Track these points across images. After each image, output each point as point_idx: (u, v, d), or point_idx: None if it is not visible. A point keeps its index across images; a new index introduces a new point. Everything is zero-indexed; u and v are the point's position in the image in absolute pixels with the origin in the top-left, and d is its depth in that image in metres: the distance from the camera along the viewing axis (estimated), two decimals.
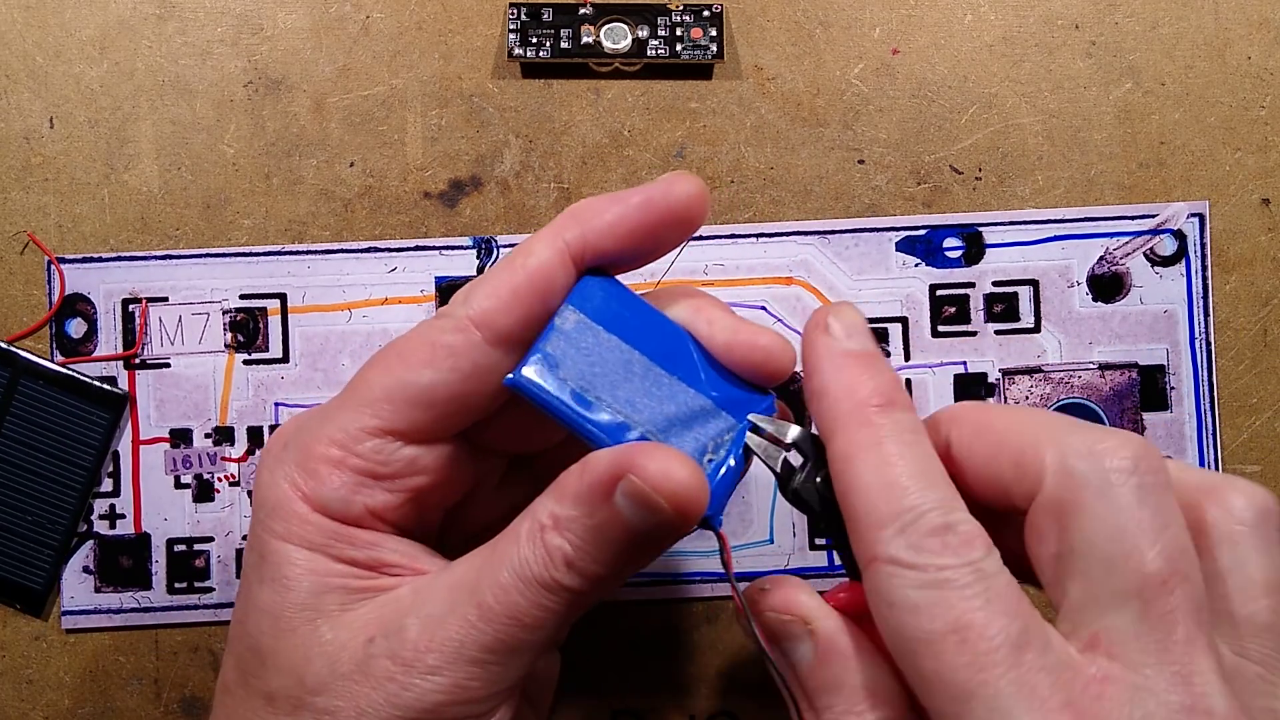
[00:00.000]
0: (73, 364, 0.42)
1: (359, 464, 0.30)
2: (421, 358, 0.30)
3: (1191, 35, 0.43)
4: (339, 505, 0.30)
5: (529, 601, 0.28)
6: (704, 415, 0.31)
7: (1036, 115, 0.43)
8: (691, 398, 0.31)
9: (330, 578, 0.30)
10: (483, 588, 0.29)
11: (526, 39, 0.42)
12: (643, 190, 0.31)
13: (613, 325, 0.31)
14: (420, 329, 0.31)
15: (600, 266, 0.32)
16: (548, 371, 0.30)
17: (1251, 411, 0.43)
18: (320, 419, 0.31)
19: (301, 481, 0.30)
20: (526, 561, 0.29)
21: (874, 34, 0.43)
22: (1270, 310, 0.43)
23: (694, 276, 0.43)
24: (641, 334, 0.31)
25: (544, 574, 0.28)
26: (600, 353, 0.31)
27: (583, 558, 0.28)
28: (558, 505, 0.29)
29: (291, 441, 0.31)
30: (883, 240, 0.43)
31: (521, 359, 0.30)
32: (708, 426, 0.31)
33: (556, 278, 0.30)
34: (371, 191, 0.43)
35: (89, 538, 0.42)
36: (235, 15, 0.43)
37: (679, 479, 0.28)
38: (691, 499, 0.28)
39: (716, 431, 0.31)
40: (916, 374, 0.43)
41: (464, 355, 0.30)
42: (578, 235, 0.31)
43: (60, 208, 0.43)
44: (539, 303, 0.30)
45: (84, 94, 0.43)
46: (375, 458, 0.30)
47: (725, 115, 0.43)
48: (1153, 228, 0.43)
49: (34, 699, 0.42)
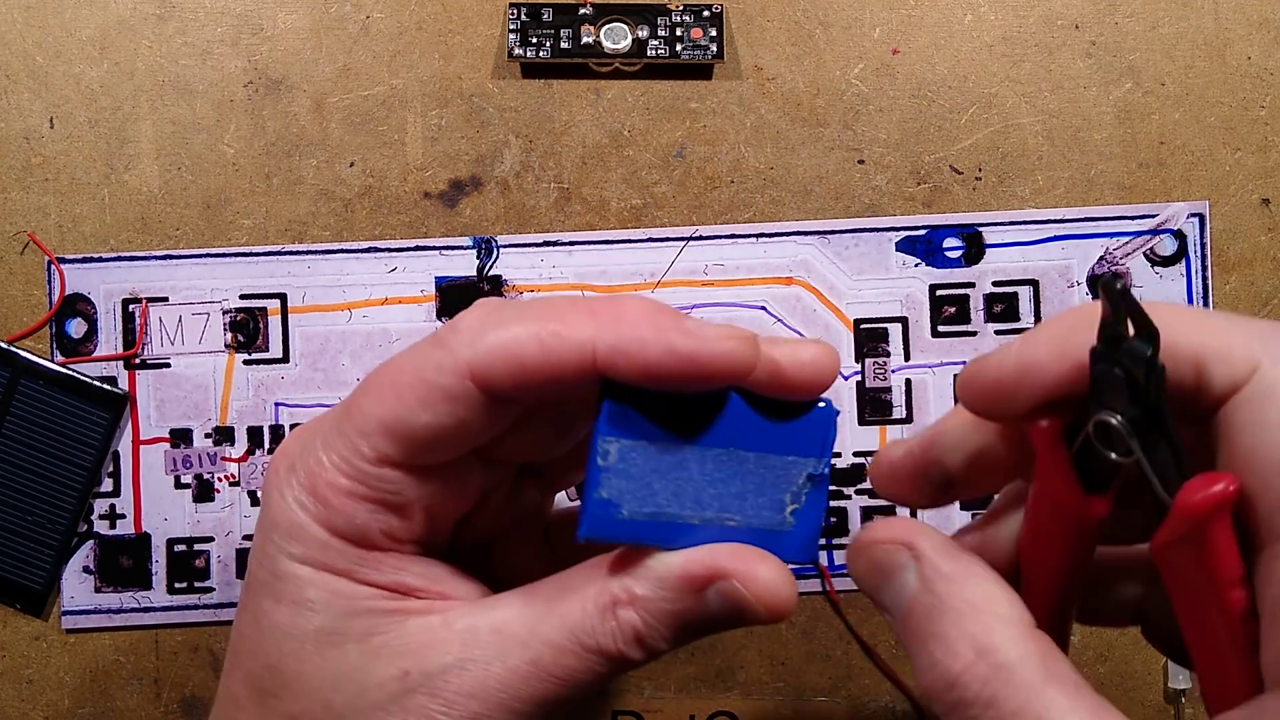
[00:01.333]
0: (73, 364, 0.42)
1: (369, 493, 0.30)
2: (417, 395, 0.29)
3: (1191, 35, 0.43)
4: (354, 532, 0.30)
5: (584, 666, 0.28)
6: (775, 472, 0.30)
7: (1036, 115, 0.43)
8: (756, 461, 0.30)
9: (356, 600, 0.29)
10: (536, 644, 0.28)
11: (526, 39, 0.42)
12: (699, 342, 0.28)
13: (652, 434, 0.29)
14: (417, 358, 0.29)
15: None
16: (611, 518, 0.29)
17: None
18: (323, 444, 0.30)
19: (314, 508, 0.29)
20: (592, 631, 0.28)
21: (874, 34, 0.43)
22: (1270, 310, 0.43)
23: (694, 276, 0.43)
24: (681, 422, 0.29)
25: (610, 646, 0.28)
26: (652, 468, 0.29)
27: (652, 635, 0.28)
28: (638, 584, 0.28)
29: (298, 464, 0.30)
30: (883, 240, 0.43)
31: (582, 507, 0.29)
32: (782, 479, 0.30)
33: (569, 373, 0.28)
34: (371, 191, 0.43)
35: (89, 538, 0.42)
36: (235, 15, 0.43)
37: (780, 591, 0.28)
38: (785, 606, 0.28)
39: (791, 480, 0.30)
40: (916, 374, 0.43)
41: (459, 401, 0.29)
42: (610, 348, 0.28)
43: (60, 208, 0.43)
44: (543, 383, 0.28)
45: (84, 94, 0.43)
46: (385, 487, 0.30)
47: (725, 115, 0.43)
48: (1153, 228, 0.43)
49: (34, 699, 0.42)
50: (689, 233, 0.43)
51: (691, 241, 0.43)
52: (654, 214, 0.43)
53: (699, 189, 0.43)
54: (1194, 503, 0.23)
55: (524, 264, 0.43)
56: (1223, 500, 0.23)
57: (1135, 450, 0.24)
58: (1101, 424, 0.24)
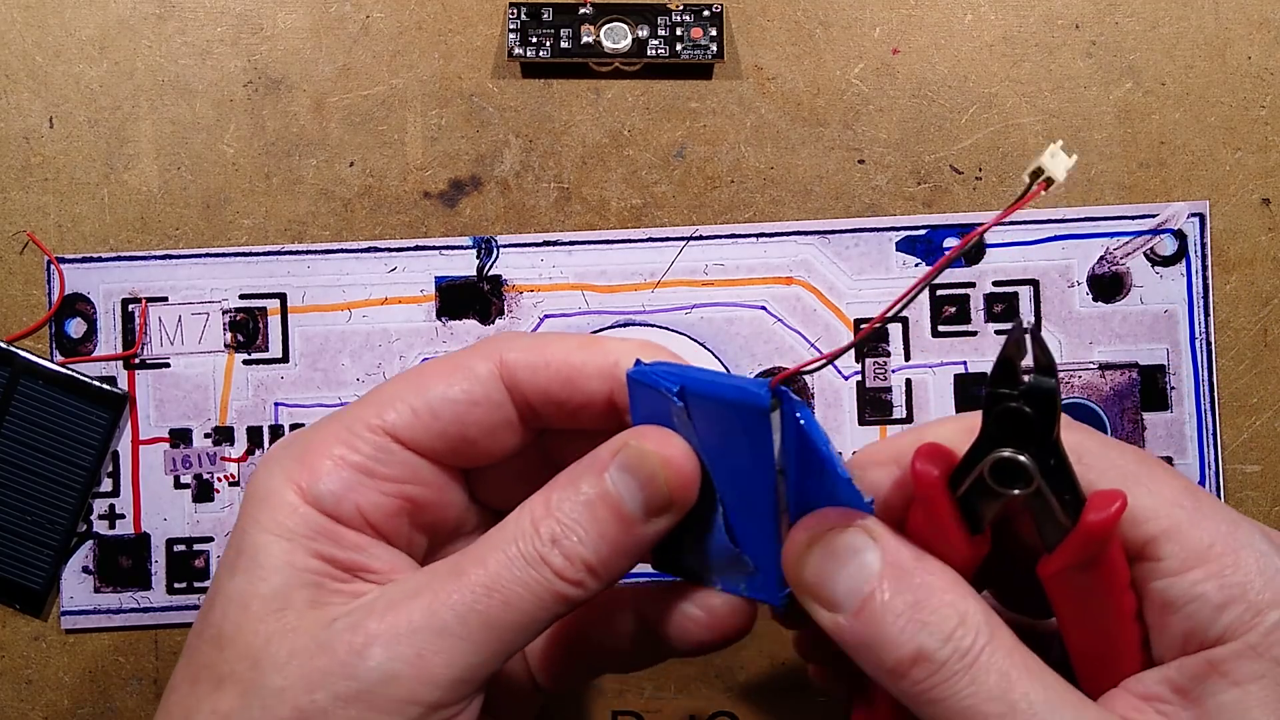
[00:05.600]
0: (72, 364, 0.42)
1: (357, 459, 0.30)
2: (442, 371, 0.31)
3: (1191, 35, 0.43)
4: (330, 499, 0.30)
5: (509, 576, 0.28)
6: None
7: (1036, 115, 0.43)
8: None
9: (306, 572, 0.29)
10: (461, 564, 0.28)
11: (526, 39, 0.42)
12: None
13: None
14: (454, 353, 0.32)
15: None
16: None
17: (1251, 411, 0.43)
18: (327, 421, 0.31)
19: (296, 473, 0.30)
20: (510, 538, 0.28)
21: (874, 34, 0.43)
22: (1270, 310, 0.43)
23: (694, 276, 0.43)
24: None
25: (528, 548, 0.28)
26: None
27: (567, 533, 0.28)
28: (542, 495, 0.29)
29: (294, 441, 0.31)
30: (883, 240, 0.43)
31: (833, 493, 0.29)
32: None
33: (593, 379, 0.31)
34: (371, 191, 0.43)
35: (89, 538, 0.42)
36: (235, 15, 0.43)
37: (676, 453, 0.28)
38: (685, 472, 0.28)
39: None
40: (916, 374, 0.43)
41: (480, 383, 0.30)
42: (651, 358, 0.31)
43: (60, 207, 0.43)
44: (568, 392, 0.31)
45: (84, 94, 0.43)
46: (374, 454, 0.30)
47: (725, 115, 0.43)
48: (1153, 228, 0.43)
49: (34, 699, 0.42)
50: (689, 232, 0.43)
51: (691, 241, 0.43)
52: (654, 214, 0.43)
53: (699, 189, 0.43)
54: (1102, 519, 0.26)
55: (524, 264, 0.43)
56: (1122, 513, 0.26)
57: (1037, 480, 0.26)
58: (1001, 461, 0.26)
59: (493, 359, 0.31)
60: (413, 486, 0.31)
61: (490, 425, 0.31)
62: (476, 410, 0.30)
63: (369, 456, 0.30)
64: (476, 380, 0.30)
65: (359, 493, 0.30)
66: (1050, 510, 0.26)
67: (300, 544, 0.29)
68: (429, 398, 0.30)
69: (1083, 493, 0.26)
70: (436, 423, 0.30)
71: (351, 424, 0.30)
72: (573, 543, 0.28)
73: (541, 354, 0.31)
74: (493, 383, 0.31)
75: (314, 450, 0.30)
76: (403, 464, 0.31)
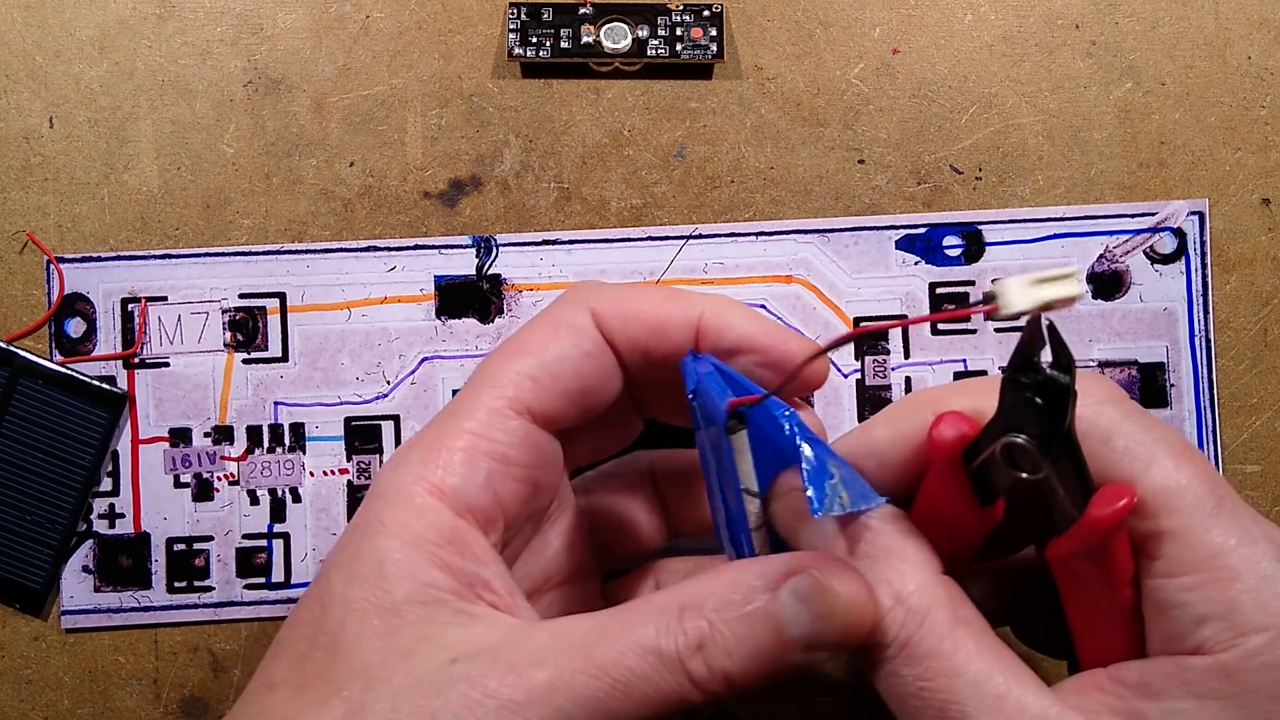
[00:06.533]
0: (72, 363, 0.42)
1: (489, 446, 0.29)
2: (545, 335, 0.31)
3: (1191, 35, 0.43)
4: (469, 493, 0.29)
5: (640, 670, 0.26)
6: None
7: (1037, 115, 0.43)
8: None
9: (429, 587, 0.28)
10: (594, 643, 0.27)
11: (526, 39, 0.42)
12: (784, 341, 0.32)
13: None
14: (541, 314, 0.31)
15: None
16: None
17: (1251, 411, 0.43)
18: (446, 416, 0.30)
19: (427, 470, 0.29)
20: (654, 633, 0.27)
21: (874, 34, 0.43)
22: (1270, 310, 0.43)
23: (694, 275, 0.43)
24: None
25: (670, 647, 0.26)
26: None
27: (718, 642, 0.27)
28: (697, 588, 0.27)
29: (416, 442, 0.30)
30: (882, 238, 0.43)
31: None
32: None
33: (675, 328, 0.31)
34: (371, 191, 0.43)
35: (88, 537, 0.42)
36: (235, 15, 0.43)
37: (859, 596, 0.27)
38: (865, 614, 0.27)
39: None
40: (916, 372, 0.43)
41: (585, 334, 0.31)
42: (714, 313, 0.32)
43: (60, 207, 0.43)
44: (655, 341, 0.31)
45: (84, 94, 0.43)
46: (506, 439, 0.29)
47: (725, 115, 0.43)
48: (1152, 225, 0.43)
49: (33, 699, 0.42)
50: (689, 231, 0.43)
51: (691, 240, 0.43)
52: (654, 214, 0.43)
53: (699, 189, 0.43)
54: (1104, 515, 0.26)
55: (523, 263, 0.43)
56: (1127, 512, 0.26)
57: (1046, 469, 0.26)
58: (1012, 445, 0.26)
59: (586, 310, 0.31)
60: (537, 470, 0.30)
61: (603, 373, 0.31)
62: (591, 361, 0.30)
63: (501, 442, 0.29)
64: (582, 332, 0.30)
65: (498, 482, 0.29)
66: (1058, 498, 0.26)
67: (426, 552, 0.28)
68: (544, 361, 0.30)
69: (1093, 484, 0.26)
70: (558, 384, 0.30)
71: (474, 411, 0.30)
72: (719, 653, 0.27)
73: (631, 305, 0.31)
74: (593, 332, 0.31)
75: (443, 444, 0.29)
76: (532, 445, 0.30)
